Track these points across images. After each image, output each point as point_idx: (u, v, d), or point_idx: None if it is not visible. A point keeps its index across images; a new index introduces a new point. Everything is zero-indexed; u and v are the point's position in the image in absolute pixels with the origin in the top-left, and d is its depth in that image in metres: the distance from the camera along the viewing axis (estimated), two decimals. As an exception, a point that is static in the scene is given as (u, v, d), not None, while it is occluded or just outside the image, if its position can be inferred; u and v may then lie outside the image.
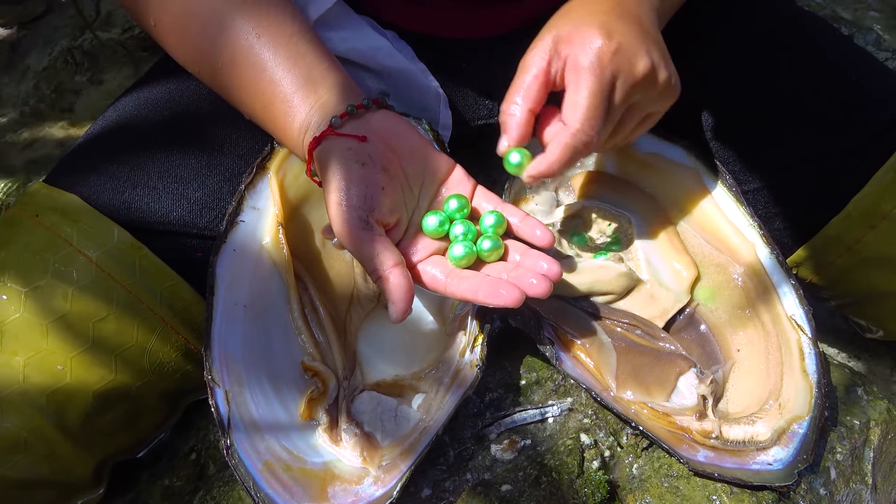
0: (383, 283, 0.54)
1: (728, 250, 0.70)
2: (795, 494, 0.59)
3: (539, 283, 0.55)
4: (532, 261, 0.58)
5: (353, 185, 0.55)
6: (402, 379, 0.66)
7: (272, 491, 0.55)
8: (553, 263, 0.57)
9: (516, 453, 0.64)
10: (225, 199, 0.66)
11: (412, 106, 0.75)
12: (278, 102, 0.59)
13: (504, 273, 0.57)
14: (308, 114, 0.59)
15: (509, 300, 0.53)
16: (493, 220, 0.60)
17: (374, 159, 0.57)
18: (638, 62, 0.58)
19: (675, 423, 0.62)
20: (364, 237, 0.54)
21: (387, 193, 0.56)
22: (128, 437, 0.64)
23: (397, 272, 0.54)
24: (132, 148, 0.67)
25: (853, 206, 0.68)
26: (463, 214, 0.61)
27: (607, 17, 0.59)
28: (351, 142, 0.57)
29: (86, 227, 0.61)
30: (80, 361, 0.59)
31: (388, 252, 0.55)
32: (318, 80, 0.60)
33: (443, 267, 0.57)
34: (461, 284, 0.56)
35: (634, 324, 0.67)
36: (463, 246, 0.58)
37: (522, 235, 0.59)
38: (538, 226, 0.59)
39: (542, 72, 0.59)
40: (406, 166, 0.59)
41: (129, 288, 0.61)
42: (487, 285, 0.54)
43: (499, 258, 0.59)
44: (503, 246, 0.59)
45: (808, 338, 0.64)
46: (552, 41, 0.59)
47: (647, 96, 0.61)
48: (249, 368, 0.61)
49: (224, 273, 0.63)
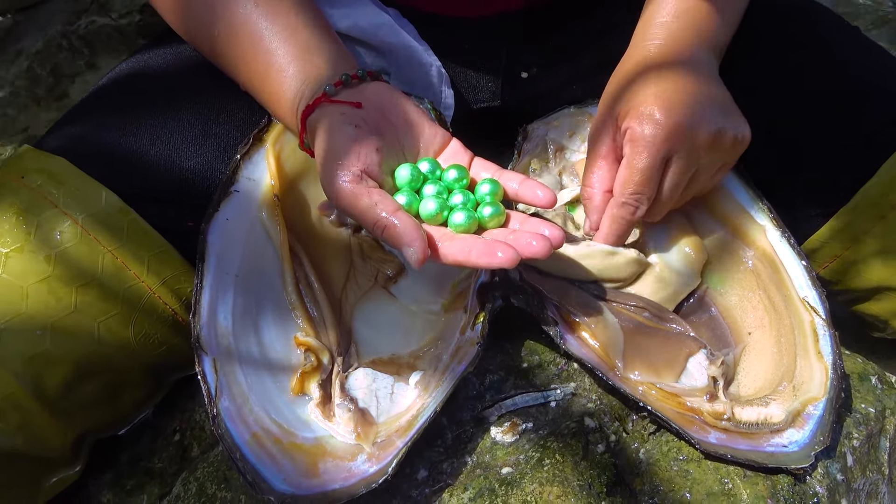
0: (390, 231, 0.51)
1: (738, 233, 0.68)
2: (812, 479, 0.56)
3: (539, 244, 0.52)
4: (533, 226, 0.55)
5: (345, 144, 0.53)
6: (399, 357, 0.63)
7: (259, 464, 0.52)
8: (556, 229, 0.54)
9: (517, 436, 0.61)
10: (219, 170, 0.64)
11: (414, 84, 0.73)
12: (273, 73, 0.59)
13: (503, 237, 0.54)
14: (302, 84, 0.58)
15: (504, 260, 0.50)
16: (488, 187, 0.58)
17: (369, 124, 0.55)
18: (699, 134, 0.59)
19: (684, 405, 0.59)
20: (359, 191, 0.52)
21: (380, 154, 0.55)
22: (109, 411, 0.61)
23: (402, 215, 0.52)
24: (125, 114, 0.65)
25: (861, 196, 0.66)
26: (462, 185, 0.59)
27: (667, 84, 0.60)
28: (344, 107, 0.56)
29: (72, 189, 0.59)
30: (60, 327, 0.56)
31: (387, 200, 0.52)
32: (315, 51, 0.59)
33: (435, 231, 0.55)
34: (453, 246, 0.53)
35: (642, 306, 0.65)
36: (464, 213, 0.55)
37: (524, 198, 0.57)
38: (539, 186, 0.56)
39: (609, 150, 0.62)
40: (401, 136, 0.58)
41: (116, 253, 0.58)
42: (482, 245, 0.51)
43: (499, 225, 0.57)
44: (504, 212, 0.57)
45: (822, 319, 0.62)
46: (615, 118, 0.61)
47: (714, 160, 0.62)
48: (239, 339, 0.59)
49: (215, 241, 0.61)
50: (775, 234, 0.66)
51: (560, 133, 0.75)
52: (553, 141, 0.75)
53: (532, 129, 0.74)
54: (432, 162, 0.59)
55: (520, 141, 0.73)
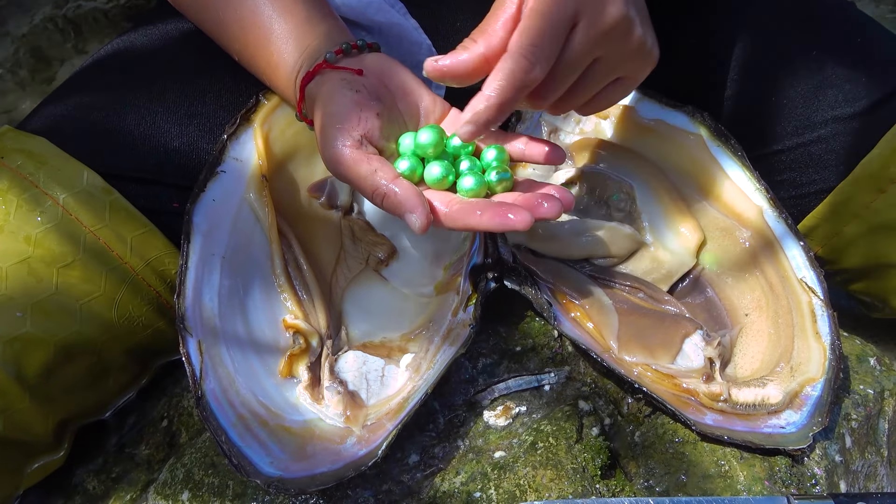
0: (389, 199, 0.49)
1: (734, 214, 0.67)
2: (810, 461, 0.55)
3: (550, 205, 0.49)
4: (541, 189, 0.54)
5: (346, 108, 0.52)
6: (390, 340, 0.62)
7: (246, 446, 0.51)
8: (564, 191, 0.52)
9: (510, 420, 0.59)
10: (205, 150, 0.63)
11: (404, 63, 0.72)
12: (273, 41, 0.58)
13: (512, 200, 0.53)
14: (302, 54, 0.57)
15: (517, 222, 0.47)
16: (494, 153, 0.56)
17: (369, 90, 0.54)
18: (608, 7, 0.51)
19: (680, 386, 0.58)
20: (359, 157, 0.50)
21: (381, 120, 0.53)
22: (92, 395, 0.60)
23: (401, 182, 0.50)
24: (109, 94, 0.64)
25: (861, 168, 0.65)
26: (468, 151, 0.57)
27: None
28: (345, 73, 0.55)
29: (53, 169, 0.57)
30: (41, 308, 0.55)
31: (386, 167, 0.51)
32: (315, 24, 0.58)
33: (441, 196, 0.52)
34: (462, 210, 0.50)
35: (637, 286, 0.64)
36: (474, 178, 0.53)
37: (530, 158, 0.55)
38: (545, 143, 0.54)
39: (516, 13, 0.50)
40: (402, 104, 0.57)
41: (98, 233, 0.57)
42: (493, 208, 0.49)
43: (507, 190, 0.55)
44: (513, 178, 0.55)
45: (820, 299, 0.61)
46: None
47: (618, 52, 0.54)
48: (225, 321, 0.57)
49: (201, 222, 0.59)
50: (772, 213, 0.65)
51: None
52: (547, 122, 0.74)
53: (526, 110, 0.73)
54: (436, 129, 0.57)
55: (514, 122, 0.72)
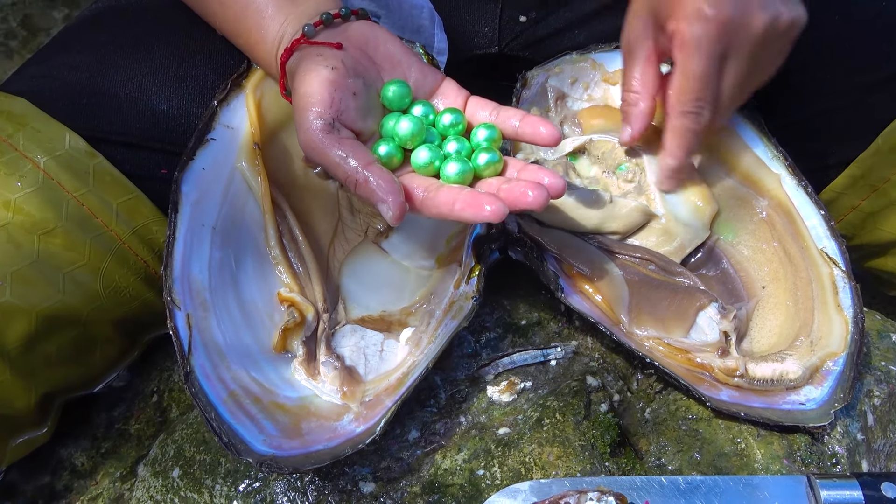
0: (362, 186, 0.48)
1: (751, 183, 0.64)
2: (830, 438, 0.52)
3: (535, 194, 0.47)
4: (531, 174, 0.51)
5: (319, 88, 0.50)
6: (389, 314, 0.59)
7: (237, 423, 0.48)
8: (556, 177, 0.50)
9: (515, 395, 0.57)
10: (195, 115, 0.61)
11: (405, 28, 0.69)
12: (251, 13, 0.55)
13: (497, 186, 0.50)
14: (282, 26, 0.55)
15: (491, 214, 0.46)
16: (485, 133, 0.53)
17: (347, 65, 0.52)
18: (753, 24, 0.54)
19: (694, 361, 0.55)
20: (329, 140, 0.48)
21: (358, 99, 0.51)
22: (77, 369, 0.57)
23: (375, 168, 0.48)
24: (93, 53, 0.61)
25: (882, 139, 0.63)
26: (457, 131, 0.54)
27: None
28: (323, 49, 0.52)
29: (33, 131, 0.55)
30: (21, 277, 0.52)
31: (359, 152, 0.49)
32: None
33: (420, 181, 0.51)
34: (437, 197, 0.49)
35: (648, 258, 0.61)
36: (458, 164, 0.51)
37: (525, 136, 0.53)
38: (541, 122, 0.52)
39: (651, 53, 0.57)
40: (387, 78, 0.54)
41: (82, 199, 0.54)
42: (467, 196, 0.47)
43: (496, 173, 0.52)
44: (502, 160, 0.53)
45: (842, 271, 0.58)
46: (655, 18, 0.56)
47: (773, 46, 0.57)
48: (216, 294, 0.55)
49: (190, 191, 0.56)
50: (791, 182, 0.62)
51: (561, 80, 0.71)
52: (554, 88, 0.71)
53: (531, 76, 0.70)
54: (426, 105, 0.55)
55: (518, 88, 0.69)
